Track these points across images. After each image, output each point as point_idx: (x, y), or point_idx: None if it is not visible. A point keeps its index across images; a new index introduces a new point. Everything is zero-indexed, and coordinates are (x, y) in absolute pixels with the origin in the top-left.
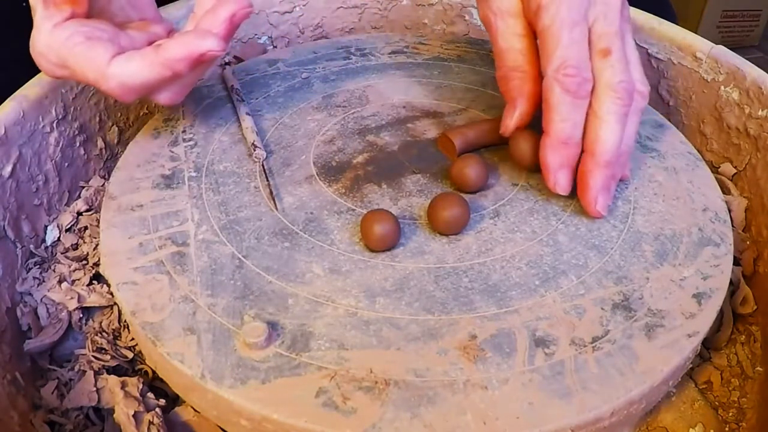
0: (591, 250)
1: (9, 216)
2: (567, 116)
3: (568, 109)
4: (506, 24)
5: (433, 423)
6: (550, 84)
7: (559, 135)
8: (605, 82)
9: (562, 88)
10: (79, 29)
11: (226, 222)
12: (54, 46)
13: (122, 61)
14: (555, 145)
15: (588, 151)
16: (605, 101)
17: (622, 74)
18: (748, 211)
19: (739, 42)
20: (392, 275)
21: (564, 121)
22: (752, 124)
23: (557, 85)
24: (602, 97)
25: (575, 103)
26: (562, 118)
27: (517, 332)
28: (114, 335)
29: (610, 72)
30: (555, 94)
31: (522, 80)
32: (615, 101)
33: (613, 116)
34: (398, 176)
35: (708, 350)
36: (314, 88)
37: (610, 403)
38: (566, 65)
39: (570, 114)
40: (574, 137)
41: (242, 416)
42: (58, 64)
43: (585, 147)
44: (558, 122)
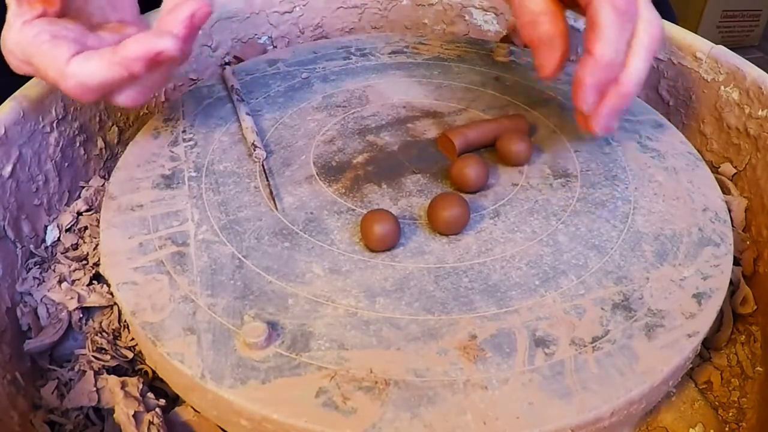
0: (591, 250)
1: (9, 216)
2: (615, 38)
3: (617, 31)
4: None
5: (433, 423)
6: (600, 4)
7: (606, 57)
8: (642, 17)
9: (612, 6)
10: (47, 27)
11: (226, 222)
12: (21, 43)
13: (81, 60)
14: (598, 66)
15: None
16: (642, 35)
17: (654, 13)
18: (748, 211)
19: (739, 42)
20: (392, 275)
21: (612, 43)
22: (752, 124)
23: (608, 4)
24: (640, 31)
25: (624, 25)
26: (610, 39)
27: (517, 332)
28: (114, 335)
29: (644, 6)
30: (605, 14)
31: (552, 22)
32: (649, 36)
33: (645, 51)
34: (398, 176)
35: (708, 350)
36: (314, 88)
37: (610, 403)
38: None
39: (618, 36)
40: (617, 62)
41: (242, 416)
42: (24, 60)
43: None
44: (606, 44)
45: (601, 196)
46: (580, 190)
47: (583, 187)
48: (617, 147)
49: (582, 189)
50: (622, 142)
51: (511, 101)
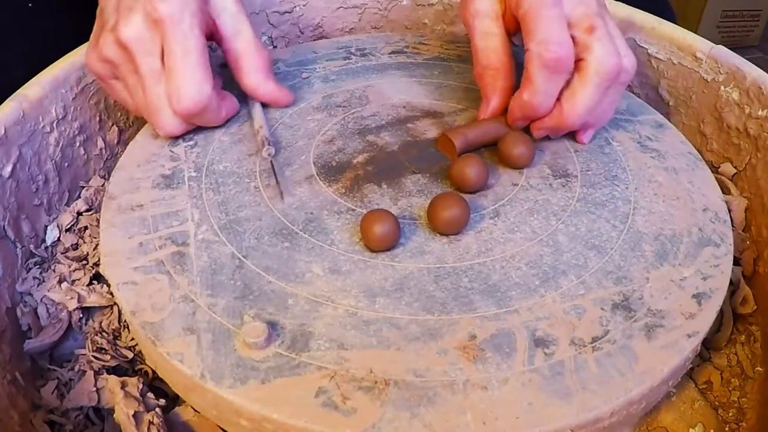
0: (591, 250)
1: (9, 216)
2: (541, 88)
3: (544, 82)
4: (483, 24)
5: (432, 423)
6: (530, 57)
7: (533, 102)
8: (593, 55)
9: (541, 63)
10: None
11: (226, 222)
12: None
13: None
14: (525, 107)
15: (559, 104)
16: (590, 72)
17: (609, 49)
18: (748, 211)
19: (739, 42)
20: (392, 275)
21: (538, 93)
22: (752, 124)
23: (537, 59)
24: (588, 68)
25: (552, 78)
26: (537, 90)
27: (516, 332)
28: (114, 335)
29: (598, 45)
30: (534, 67)
31: (494, 78)
32: (599, 74)
33: (592, 87)
34: (398, 176)
35: (708, 350)
36: (314, 88)
37: (609, 404)
38: (548, 41)
39: (545, 86)
40: (544, 106)
41: (242, 416)
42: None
43: (561, 101)
44: (533, 92)
45: (601, 196)
46: (580, 190)
47: (583, 187)
48: (617, 147)
49: (582, 189)
50: (622, 142)
51: None
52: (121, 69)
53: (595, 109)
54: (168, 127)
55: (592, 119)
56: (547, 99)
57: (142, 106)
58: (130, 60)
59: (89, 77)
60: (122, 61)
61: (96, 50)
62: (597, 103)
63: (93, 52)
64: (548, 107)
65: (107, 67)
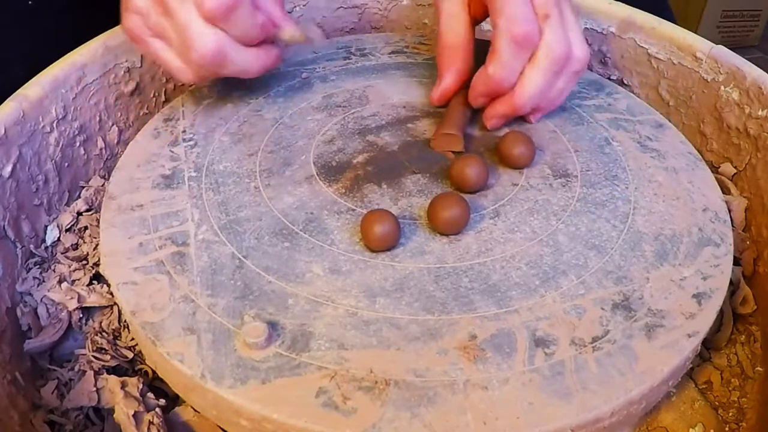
0: (591, 250)
1: (9, 216)
2: (508, 63)
3: (510, 57)
4: (449, 7)
5: (433, 423)
6: (498, 34)
7: (497, 76)
8: (544, 40)
9: (509, 38)
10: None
11: (226, 222)
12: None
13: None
14: (488, 82)
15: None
16: (540, 57)
17: (559, 35)
18: (748, 211)
19: (739, 42)
20: (392, 275)
21: (504, 67)
22: (752, 124)
23: (505, 35)
24: (538, 53)
25: (519, 53)
26: (503, 64)
27: (517, 332)
28: (114, 335)
29: (549, 32)
30: (502, 42)
31: (451, 58)
32: (548, 58)
33: (541, 71)
34: (398, 176)
35: (708, 350)
36: (314, 88)
37: (610, 403)
38: (516, 17)
39: (511, 61)
40: (507, 81)
41: (242, 416)
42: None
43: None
44: (499, 66)
45: (601, 196)
46: (580, 190)
47: (583, 187)
48: (617, 147)
49: (582, 189)
50: (622, 142)
51: None
52: (151, 16)
53: (546, 93)
54: (204, 47)
55: (543, 103)
56: (511, 74)
57: (176, 43)
58: (158, 2)
59: (89, 77)
60: (151, 4)
61: (128, 8)
62: (547, 87)
63: (126, 12)
64: (510, 84)
65: (140, 20)
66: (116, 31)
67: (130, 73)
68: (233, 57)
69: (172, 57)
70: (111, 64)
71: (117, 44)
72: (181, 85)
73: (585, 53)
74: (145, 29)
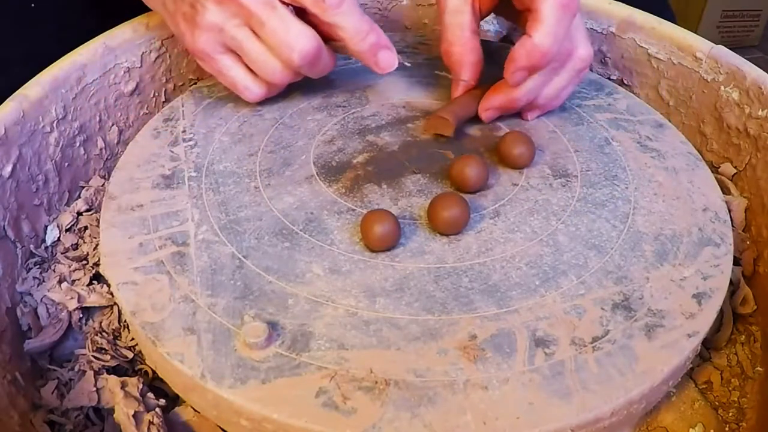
0: (591, 250)
1: (9, 216)
2: (553, 29)
3: (556, 22)
4: (454, 2)
5: (433, 423)
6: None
7: (542, 45)
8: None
9: (554, 3)
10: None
11: (226, 222)
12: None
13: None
14: (533, 51)
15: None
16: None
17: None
18: (748, 211)
19: (739, 42)
20: (392, 275)
21: (549, 34)
22: (752, 124)
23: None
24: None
25: (564, 18)
26: (548, 30)
27: (517, 332)
28: (114, 335)
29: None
30: (545, 8)
31: (461, 54)
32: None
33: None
34: (398, 176)
35: (708, 350)
36: (314, 88)
37: (610, 403)
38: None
39: (556, 27)
40: (553, 50)
41: (242, 416)
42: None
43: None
44: (544, 33)
45: (601, 196)
46: (580, 190)
47: (583, 187)
48: (617, 147)
49: (582, 189)
50: (622, 142)
51: None
52: (227, 30)
53: (542, 89)
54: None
55: (542, 100)
56: (556, 43)
57: (273, 43)
58: (239, 14)
59: (89, 77)
60: (227, 17)
61: (199, 25)
62: (542, 82)
63: (195, 30)
64: (554, 54)
65: (213, 36)
66: (116, 31)
67: (130, 73)
68: (323, 57)
69: (241, 74)
70: (111, 64)
71: (117, 44)
72: (181, 85)
73: (588, 52)
74: (216, 46)
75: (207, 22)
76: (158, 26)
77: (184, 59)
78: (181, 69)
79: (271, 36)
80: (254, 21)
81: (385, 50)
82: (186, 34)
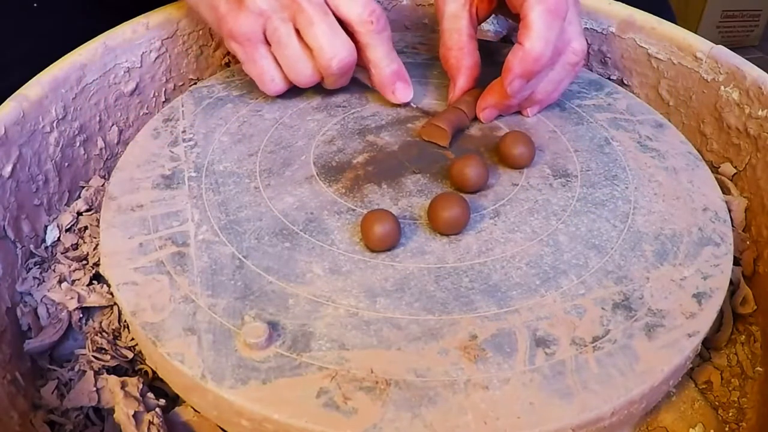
0: (591, 250)
1: (9, 216)
2: (543, 34)
3: (545, 28)
4: (451, 8)
5: (433, 423)
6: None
7: (533, 51)
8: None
9: (542, 8)
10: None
11: (226, 222)
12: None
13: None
14: (526, 58)
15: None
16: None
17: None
18: (748, 211)
19: (739, 42)
20: (393, 275)
21: (539, 39)
22: (752, 124)
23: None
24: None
25: (553, 24)
26: (538, 35)
27: (517, 332)
28: (114, 335)
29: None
30: (535, 13)
31: (458, 58)
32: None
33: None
34: (398, 176)
35: (708, 350)
36: (314, 88)
37: (610, 403)
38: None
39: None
40: (545, 57)
41: (243, 416)
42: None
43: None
44: (534, 39)
45: (601, 195)
46: (580, 190)
47: (583, 187)
48: (617, 147)
49: (582, 189)
50: (622, 141)
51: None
52: (273, 20)
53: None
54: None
55: (539, 95)
56: (547, 47)
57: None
58: (289, 8)
59: (89, 77)
60: (277, 7)
61: (246, 7)
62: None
63: (241, 11)
64: (547, 58)
65: (259, 22)
66: (116, 31)
67: (130, 73)
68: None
69: (272, 66)
70: (111, 64)
71: (117, 44)
72: (181, 85)
73: (582, 46)
74: (259, 33)
75: (257, 6)
76: (158, 26)
77: (184, 59)
78: (181, 69)
79: (317, 38)
80: (303, 18)
81: (403, 82)
82: (228, 16)
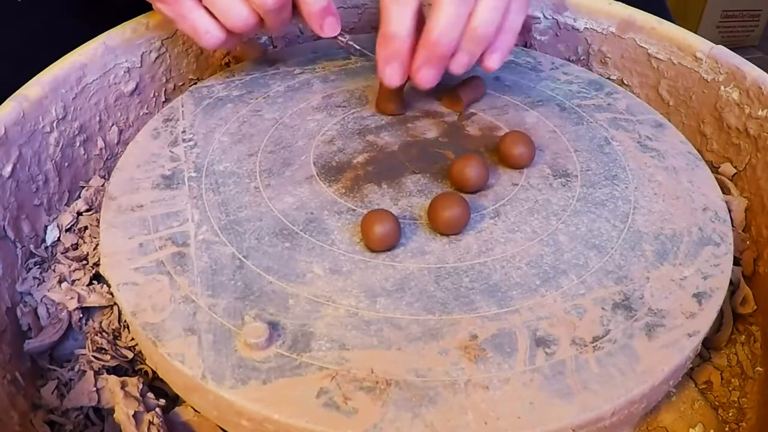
0: (591, 250)
1: (9, 216)
2: (394, 17)
3: (396, 10)
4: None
5: (434, 423)
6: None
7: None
8: None
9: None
10: None
11: (226, 222)
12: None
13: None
14: (381, 41)
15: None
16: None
17: None
18: (748, 211)
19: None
20: (393, 275)
21: (391, 22)
22: (752, 124)
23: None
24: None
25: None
26: (447, 21)
27: (517, 332)
28: (114, 335)
29: None
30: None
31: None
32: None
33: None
34: (398, 176)
35: (708, 350)
36: (314, 88)
37: (610, 403)
38: None
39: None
40: (400, 33)
41: (243, 417)
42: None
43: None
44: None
45: (601, 195)
46: (580, 189)
47: (583, 187)
48: (617, 147)
49: (582, 189)
50: (622, 141)
51: (510, 101)
52: None
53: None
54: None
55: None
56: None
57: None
58: None
59: (89, 77)
60: None
61: None
62: (457, 17)
63: None
64: (408, 33)
65: None
66: (116, 31)
67: (130, 73)
68: (288, 7)
69: (204, 18)
70: (111, 64)
71: (117, 44)
72: (181, 85)
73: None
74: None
75: None
76: (158, 26)
77: (184, 59)
78: (181, 69)
79: None
80: None
81: (331, 17)
82: None
